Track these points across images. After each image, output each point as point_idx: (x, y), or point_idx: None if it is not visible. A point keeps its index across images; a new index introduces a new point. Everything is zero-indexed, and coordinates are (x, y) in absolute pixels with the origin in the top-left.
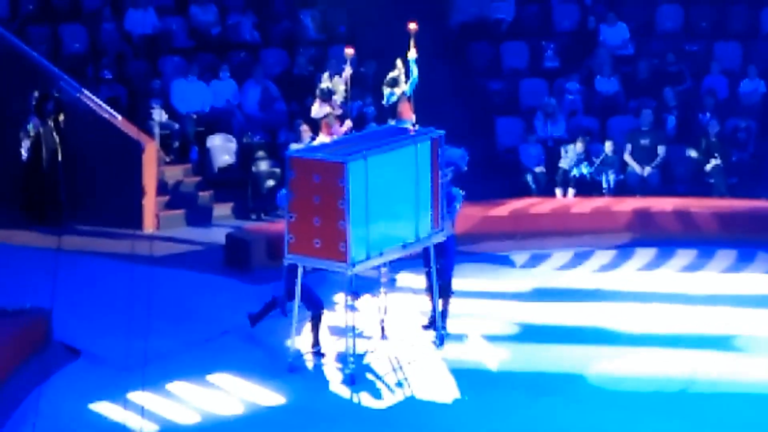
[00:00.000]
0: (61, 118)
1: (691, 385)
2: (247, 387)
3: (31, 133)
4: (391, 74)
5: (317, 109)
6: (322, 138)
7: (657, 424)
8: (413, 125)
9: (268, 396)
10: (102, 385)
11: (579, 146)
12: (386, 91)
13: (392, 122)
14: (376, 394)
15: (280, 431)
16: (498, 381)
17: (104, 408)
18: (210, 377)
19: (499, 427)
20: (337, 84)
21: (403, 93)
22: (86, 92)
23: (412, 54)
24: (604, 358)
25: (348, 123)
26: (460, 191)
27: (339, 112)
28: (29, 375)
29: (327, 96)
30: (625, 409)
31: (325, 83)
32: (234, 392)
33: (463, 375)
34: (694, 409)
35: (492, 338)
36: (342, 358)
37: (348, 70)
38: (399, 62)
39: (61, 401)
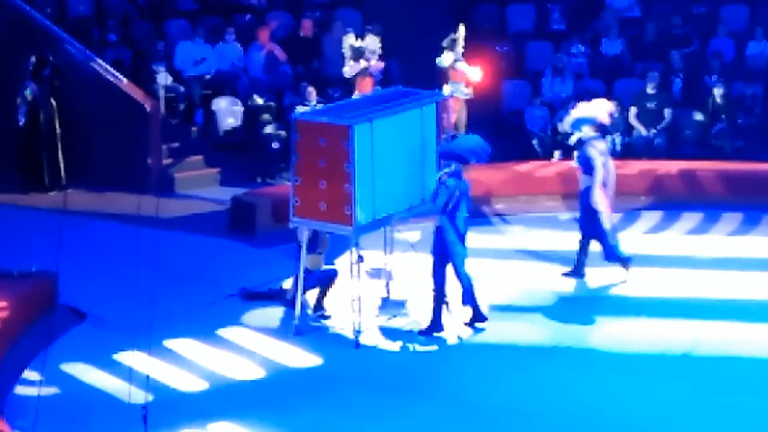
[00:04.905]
0: (56, 83)
1: (694, 348)
2: (253, 349)
3: (29, 98)
4: (452, 36)
5: (350, 69)
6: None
7: (661, 386)
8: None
9: (274, 359)
10: (107, 348)
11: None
12: (448, 53)
13: (446, 86)
14: (381, 358)
15: (285, 393)
16: (503, 344)
17: (110, 370)
18: (215, 340)
19: (505, 391)
20: (373, 41)
21: (456, 59)
22: (92, 55)
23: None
24: (609, 321)
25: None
26: (450, 185)
27: (381, 65)
28: (35, 338)
29: (358, 54)
30: (630, 373)
31: (356, 42)
32: (239, 355)
33: (468, 339)
34: (698, 373)
35: (496, 300)
36: (347, 321)
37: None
38: (461, 26)
39: (67, 364)
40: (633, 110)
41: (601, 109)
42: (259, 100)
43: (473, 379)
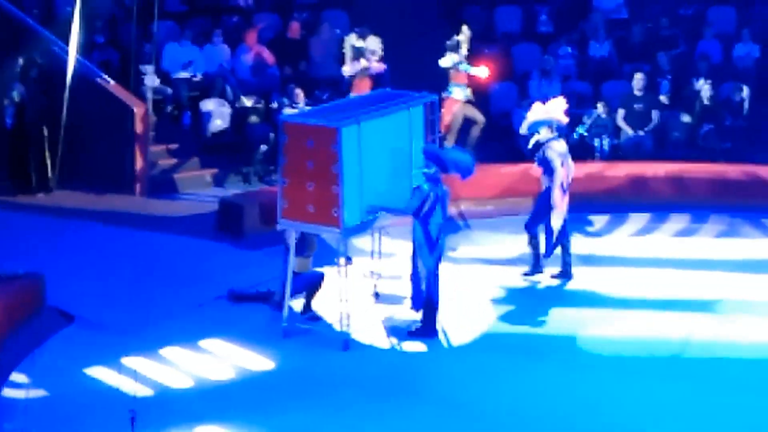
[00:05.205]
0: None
1: (684, 349)
2: (241, 352)
3: (16, 100)
4: (457, 37)
5: (350, 68)
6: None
7: (651, 386)
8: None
9: (262, 361)
10: (96, 350)
11: None
12: (450, 55)
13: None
14: (370, 359)
15: (274, 396)
16: (494, 345)
17: (98, 373)
18: (203, 342)
19: (495, 390)
20: (374, 42)
21: (459, 61)
22: (78, 57)
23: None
24: (599, 321)
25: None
26: (424, 189)
27: (383, 66)
28: (23, 340)
29: (359, 54)
30: (620, 373)
31: (358, 42)
32: (227, 357)
33: (459, 339)
34: (688, 372)
35: (487, 302)
36: (336, 323)
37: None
38: (465, 28)
39: (55, 366)
40: (621, 112)
41: (557, 109)
42: (247, 102)
43: (465, 381)
